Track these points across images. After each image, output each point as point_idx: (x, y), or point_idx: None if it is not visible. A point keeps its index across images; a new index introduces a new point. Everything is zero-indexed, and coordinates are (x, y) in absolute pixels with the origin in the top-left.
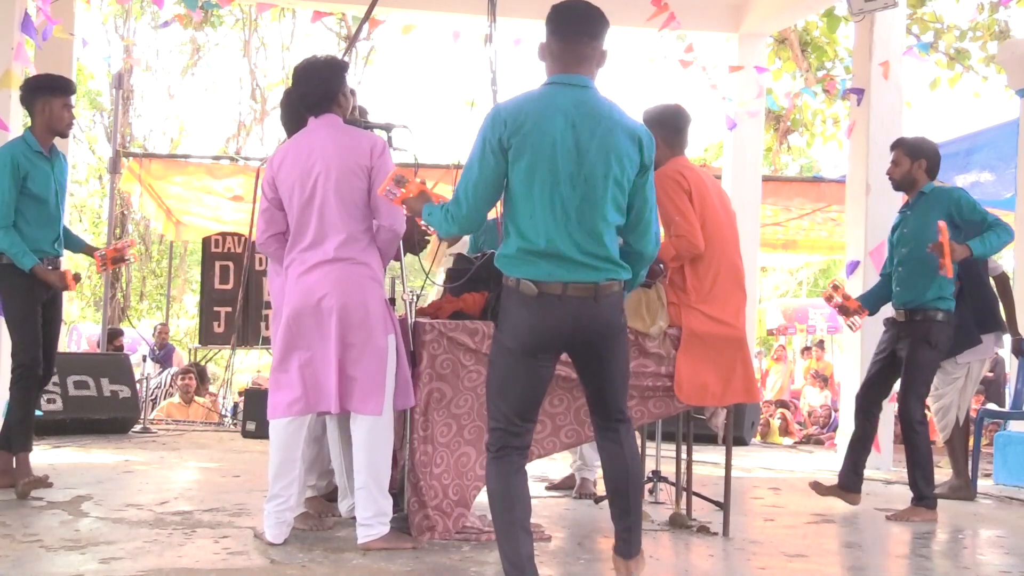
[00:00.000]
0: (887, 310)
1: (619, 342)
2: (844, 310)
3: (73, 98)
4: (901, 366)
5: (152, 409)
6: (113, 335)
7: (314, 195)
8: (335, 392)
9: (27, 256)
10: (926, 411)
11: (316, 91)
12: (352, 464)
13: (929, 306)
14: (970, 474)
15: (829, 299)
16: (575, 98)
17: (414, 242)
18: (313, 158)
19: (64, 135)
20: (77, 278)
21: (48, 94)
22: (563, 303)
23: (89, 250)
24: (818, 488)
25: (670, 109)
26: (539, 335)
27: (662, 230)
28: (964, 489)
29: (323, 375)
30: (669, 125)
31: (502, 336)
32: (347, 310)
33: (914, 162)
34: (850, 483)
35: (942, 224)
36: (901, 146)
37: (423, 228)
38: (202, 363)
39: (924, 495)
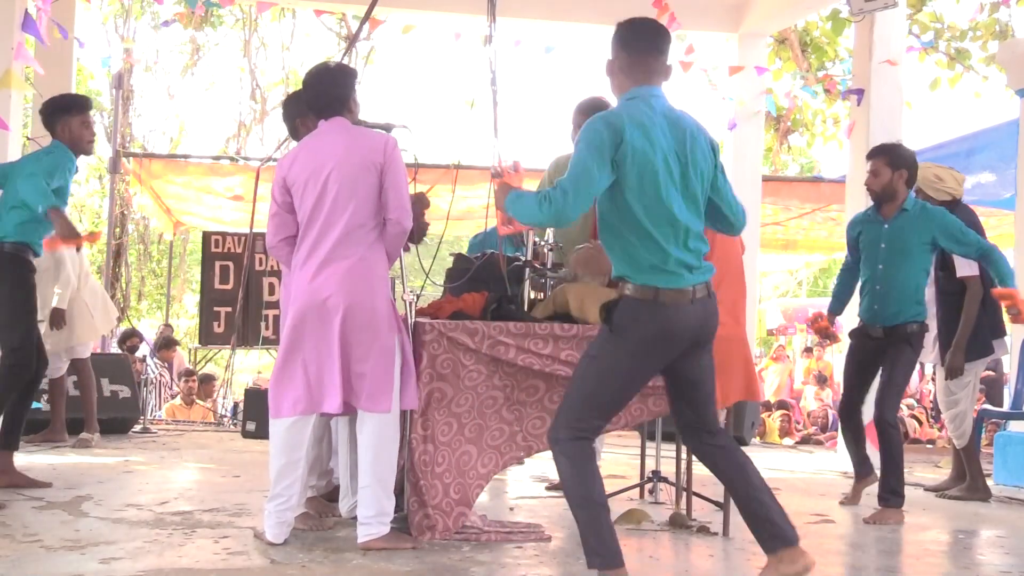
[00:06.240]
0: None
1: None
2: (824, 334)
3: (91, 114)
4: (876, 374)
5: (160, 407)
6: (127, 336)
7: (325, 193)
8: (339, 393)
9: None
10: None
11: (327, 95)
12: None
13: (912, 319)
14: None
15: (812, 324)
16: (663, 109)
17: (415, 231)
18: (324, 157)
19: (88, 153)
20: (94, 236)
21: (65, 114)
22: (693, 306)
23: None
24: (848, 500)
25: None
26: (673, 340)
27: None
28: (982, 491)
29: (327, 375)
30: None
31: (626, 344)
32: (353, 310)
33: (895, 172)
34: (862, 471)
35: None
36: (882, 155)
37: (425, 221)
38: (201, 363)
39: (897, 493)
